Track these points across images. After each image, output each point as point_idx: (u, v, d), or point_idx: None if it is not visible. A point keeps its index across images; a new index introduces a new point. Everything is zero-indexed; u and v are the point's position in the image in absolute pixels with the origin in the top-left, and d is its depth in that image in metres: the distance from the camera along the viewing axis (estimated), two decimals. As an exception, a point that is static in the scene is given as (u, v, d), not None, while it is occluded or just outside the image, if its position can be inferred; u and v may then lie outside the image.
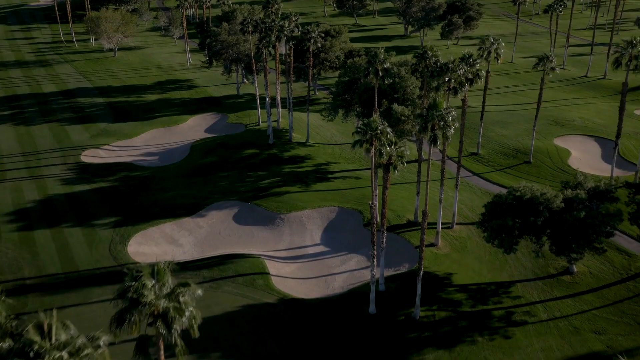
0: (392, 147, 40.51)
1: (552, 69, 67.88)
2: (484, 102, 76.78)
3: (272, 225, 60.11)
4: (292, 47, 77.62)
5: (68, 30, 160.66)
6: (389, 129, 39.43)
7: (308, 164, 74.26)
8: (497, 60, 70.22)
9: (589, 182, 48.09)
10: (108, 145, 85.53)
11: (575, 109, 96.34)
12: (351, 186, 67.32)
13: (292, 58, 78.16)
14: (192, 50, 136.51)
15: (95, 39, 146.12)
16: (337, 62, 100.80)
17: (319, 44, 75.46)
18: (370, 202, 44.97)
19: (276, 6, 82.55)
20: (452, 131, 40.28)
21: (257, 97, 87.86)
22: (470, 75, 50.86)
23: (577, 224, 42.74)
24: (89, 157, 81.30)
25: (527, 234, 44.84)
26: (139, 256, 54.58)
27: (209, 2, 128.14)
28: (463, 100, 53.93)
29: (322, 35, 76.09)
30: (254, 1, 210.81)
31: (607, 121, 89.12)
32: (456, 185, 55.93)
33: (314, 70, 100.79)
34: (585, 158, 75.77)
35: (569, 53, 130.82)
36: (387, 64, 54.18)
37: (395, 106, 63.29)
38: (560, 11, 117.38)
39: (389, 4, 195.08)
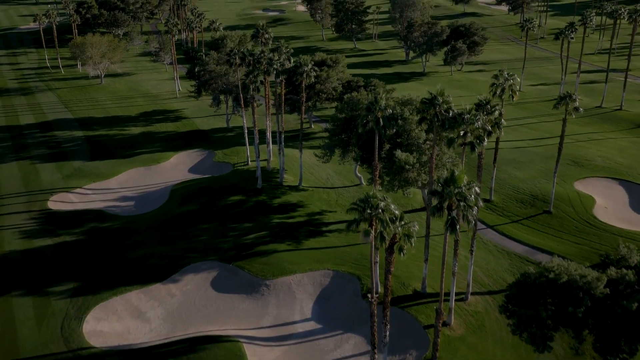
0: (397, 222, 32.29)
1: (577, 109, 59.83)
2: (497, 143, 68.85)
3: (255, 294, 51.59)
4: (284, 80, 69.79)
5: (55, 55, 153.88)
6: (392, 206, 31.25)
7: (300, 213, 65.98)
8: (512, 97, 62.31)
9: (634, 256, 39.77)
10: (80, 188, 77.37)
11: (593, 145, 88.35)
12: (348, 242, 58.91)
13: (283, 92, 70.40)
14: (181, 77, 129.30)
15: (82, 65, 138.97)
16: (334, 94, 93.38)
17: (312, 79, 67.71)
18: (369, 296, 36.50)
19: (266, 36, 75.15)
20: (476, 211, 32.09)
21: (246, 134, 79.88)
22: (488, 126, 42.91)
23: (628, 316, 34.41)
24: (58, 202, 73.10)
25: (563, 325, 36.43)
26: (96, 337, 46.00)
27: (199, 27, 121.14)
28: (480, 155, 45.81)
29: (316, 69, 68.34)
30: (249, 25, 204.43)
31: (630, 160, 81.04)
32: (471, 251, 47.51)
33: (309, 103, 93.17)
34: (612, 207, 67.45)
35: (580, 80, 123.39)
36: (389, 111, 46.22)
37: (398, 153, 55.22)
38: (571, 37, 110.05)
39: (389, 27, 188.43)
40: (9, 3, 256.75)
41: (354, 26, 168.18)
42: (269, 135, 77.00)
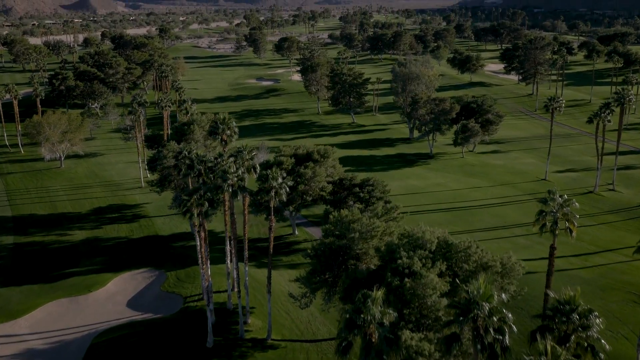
0: None
1: (672, 258, 40.24)
2: (549, 282, 49.08)
3: None
4: (247, 197, 50.89)
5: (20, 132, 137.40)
6: None
7: (263, 396, 45.30)
8: (571, 233, 42.91)
9: None
10: (-28, 335, 57.12)
11: (656, 266, 68.17)
12: None
13: (246, 216, 51.35)
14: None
15: (44, 144, 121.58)
16: (323, 194, 74.75)
17: (284, 197, 48.81)
18: None
19: (228, 132, 57.04)
20: None
21: (199, 255, 59.93)
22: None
23: None
24: None
25: None
26: None
27: (169, 105, 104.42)
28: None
29: (288, 184, 49.63)
30: (240, 96, 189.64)
31: None
32: None
33: (291, 207, 74.30)
34: None
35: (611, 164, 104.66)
36: (388, 320, 26.56)
37: (405, 335, 35.20)
38: (608, 120, 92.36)
39: (391, 99, 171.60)
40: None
41: (351, 99, 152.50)
42: (229, 264, 57.20)
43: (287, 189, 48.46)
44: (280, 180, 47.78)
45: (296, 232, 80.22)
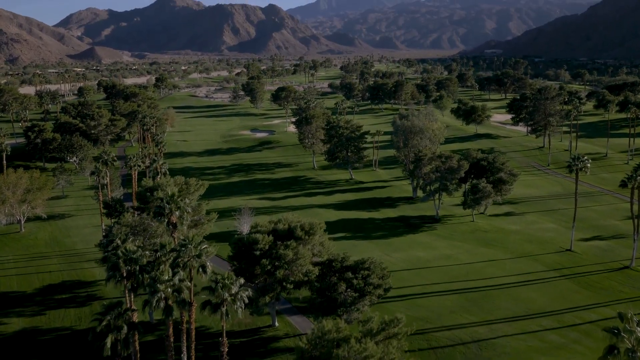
0: None
1: None
2: None
3: None
4: (194, 306, 36.95)
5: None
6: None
7: None
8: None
9: None
10: None
11: None
12: None
13: (193, 333, 37.39)
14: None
15: (1, 203, 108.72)
16: (308, 277, 60.88)
17: (239, 313, 34.92)
18: None
19: (177, 212, 43.79)
20: None
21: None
22: None
23: None
24: None
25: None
26: None
27: (140, 165, 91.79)
28: None
29: (247, 295, 35.85)
30: (232, 148, 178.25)
31: None
32: None
33: (267, 297, 60.09)
34: None
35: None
36: None
37: None
38: (645, 185, 79.16)
39: (392, 152, 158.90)
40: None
41: (349, 154, 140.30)
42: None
43: (246, 300, 34.60)
44: (235, 289, 34.06)
45: (276, 324, 65.55)
